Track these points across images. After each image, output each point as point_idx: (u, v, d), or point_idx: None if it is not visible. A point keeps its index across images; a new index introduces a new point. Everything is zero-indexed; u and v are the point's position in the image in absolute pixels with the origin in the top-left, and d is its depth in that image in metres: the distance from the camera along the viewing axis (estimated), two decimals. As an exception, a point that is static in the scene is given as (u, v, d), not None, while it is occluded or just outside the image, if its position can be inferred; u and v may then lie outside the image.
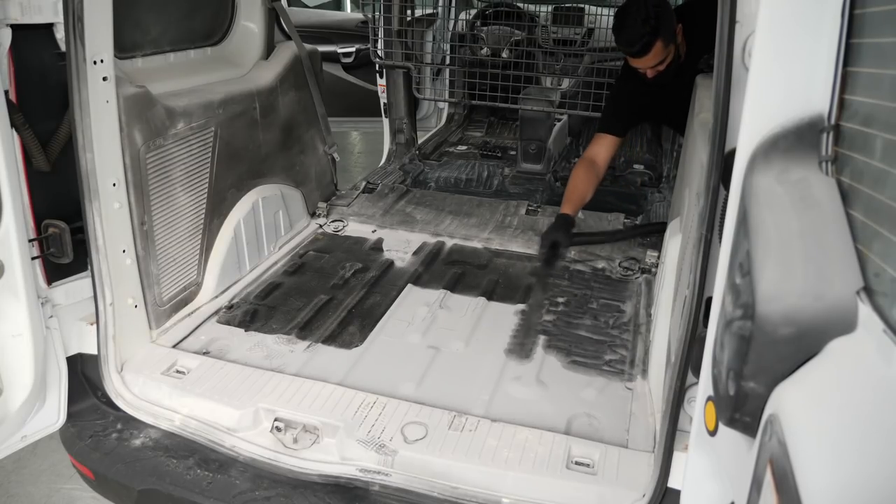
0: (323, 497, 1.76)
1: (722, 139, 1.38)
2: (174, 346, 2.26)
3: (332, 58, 5.16)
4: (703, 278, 1.56)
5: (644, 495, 1.64)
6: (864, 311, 0.90)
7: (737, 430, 1.14)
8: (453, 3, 5.01)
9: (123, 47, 2.17)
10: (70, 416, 2.03)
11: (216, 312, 2.50)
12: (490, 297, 2.65)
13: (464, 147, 4.98)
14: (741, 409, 1.12)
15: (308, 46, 3.14)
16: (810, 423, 0.88)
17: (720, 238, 1.51)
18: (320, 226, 3.29)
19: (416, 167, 4.30)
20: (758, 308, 0.98)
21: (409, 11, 4.38)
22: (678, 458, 1.58)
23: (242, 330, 2.39)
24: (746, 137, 1.13)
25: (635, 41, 2.52)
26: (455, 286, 2.74)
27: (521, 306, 2.57)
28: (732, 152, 1.22)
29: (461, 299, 2.62)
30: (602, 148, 3.01)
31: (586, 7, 4.99)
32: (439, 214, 3.37)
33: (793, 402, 0.93)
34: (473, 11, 5.34)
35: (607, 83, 3.58)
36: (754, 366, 1.02)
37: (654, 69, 2.63)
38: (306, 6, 6.97)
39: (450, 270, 2.88)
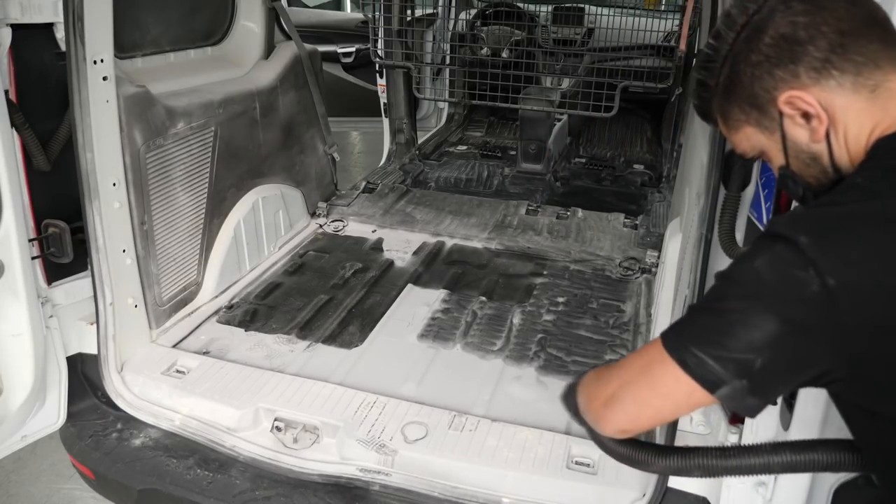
0: (323, 497, 1.76)
1: (722, 139, 1.38)
2: (174, 346, 2.26)
3: (332, 58, 5.15)
4: (703, 278, 1.56)
5: (644, 495, 1.64)
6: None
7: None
8: (453, 3, 5.01)
9: (123, 47, 2.17)
10: (70, 415, 2.03)
11: (216, 312, 2.50)
12: (490, 297, 2.65)
13: (464, 147, 4.97)
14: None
15: (308, 46, 3.14)
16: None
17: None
18: (320, 226, 3.29)
19: (416, 167, 4.30)
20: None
21: (409, 11, 4.37)
22: (678, 457, 1.58)
23: (242, 330, 2.39)
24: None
25: None
26: (455, 286, 2.74)
27: (521, 306, 2.57)
28: (732, 152, 1.22)
29: (461, 299, 2.62)
30: None
31: (586, 7, 4.98)
32: (439, 214, 3.37)
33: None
34: (473, 11, 5.34)
35: (607, 83, 3.57)
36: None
37: None
38: (306, 6, 6.96)
39: (450, 270, 2.88)
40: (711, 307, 0.89)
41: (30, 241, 1.82)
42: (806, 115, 0.93)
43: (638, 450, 1.03)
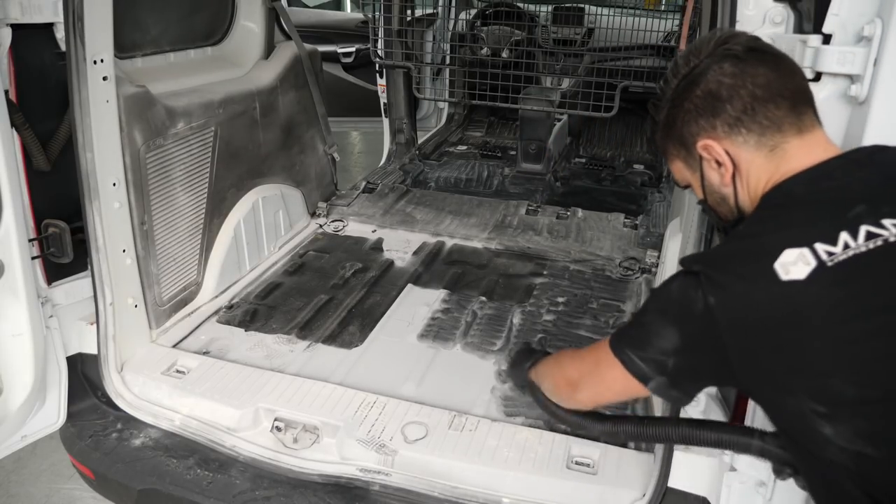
0: (323, 497, 1.76)
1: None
2: (174, 346, 2.26)
3: (332, 58, 5.15)
4: (703, 278, 1.55)
5: (644, 495, 1.64)
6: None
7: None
8: (453, 3, 5.00)
9: (123, 47, 2.17)
10: (70, 415, 2.03)
11: (216, 312, 2.50)
12: (490, 297, 2.65)
13: (464, 147, 4.97)
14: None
15: (308, 46, 3.14)
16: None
17: (720, 238, 1.51)
18: (320, 226, 3.29)
19: (416, 167, 4.30)
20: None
21: (409, 11, 4.37)
22: (678, 457, 1.58)
23: (242, 330, 2.39)
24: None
25: None
26: (455, 286, 2.74)
27: (521, 306, 2.57)
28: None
29: (461, 299, 2.62)
30: None
31: (586, 7, 4.98)
32: (439, 214, 3.37)
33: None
34: (473, 11, 5.34)
35: (607, 83, 3.57)
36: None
37: None
38: (306, 6, 6.96)
39: (450, 270, 2.88)
40: (639, 318, 1.13)
41: (30, 241, 1.82)
42: (718, 162, 1.11)
43: (583, 417, 1.34)
